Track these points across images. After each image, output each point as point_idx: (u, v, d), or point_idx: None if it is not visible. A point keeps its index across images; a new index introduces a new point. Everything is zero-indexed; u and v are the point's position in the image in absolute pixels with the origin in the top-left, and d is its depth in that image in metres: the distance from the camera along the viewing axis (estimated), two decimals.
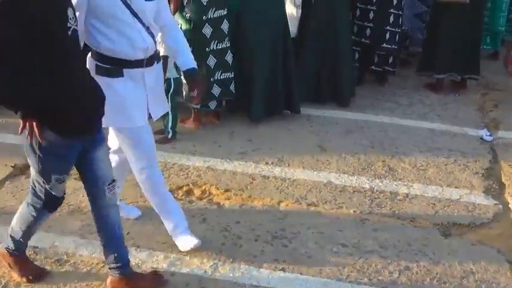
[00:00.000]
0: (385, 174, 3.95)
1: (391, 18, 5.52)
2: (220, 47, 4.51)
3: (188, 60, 2.93)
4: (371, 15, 5.57)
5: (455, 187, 3.79)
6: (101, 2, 2.55)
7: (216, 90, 4.57)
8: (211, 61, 4.50)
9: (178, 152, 4.22)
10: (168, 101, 4.24)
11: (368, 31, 5.63)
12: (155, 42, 2.79)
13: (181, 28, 4.26)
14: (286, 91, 4.82)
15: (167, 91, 4.19)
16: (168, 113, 4.30)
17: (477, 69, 5.67)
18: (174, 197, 3.63)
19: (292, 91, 4.84)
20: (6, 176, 3.85)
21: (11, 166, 3.95)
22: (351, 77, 5.34)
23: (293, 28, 5.01)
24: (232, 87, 4.66)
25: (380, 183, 3.81)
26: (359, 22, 5.68)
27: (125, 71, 2.68)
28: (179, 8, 4.35)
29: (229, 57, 4.59)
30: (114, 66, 2.67)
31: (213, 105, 4.64)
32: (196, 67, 2.95)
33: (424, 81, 5.80)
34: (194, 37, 4.31)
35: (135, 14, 2.64)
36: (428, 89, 5.71)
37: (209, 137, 4.52)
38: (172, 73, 4.24)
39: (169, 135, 4.39)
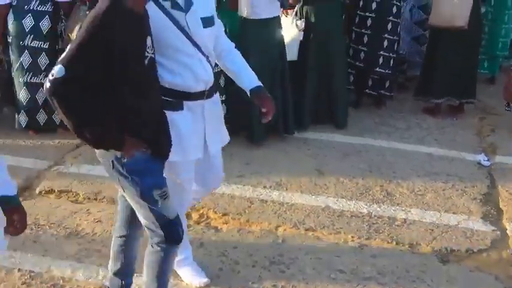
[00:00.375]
0: (383, 199, 3.94)
1: (385, 43, 5.57)
2: (215, 71, 4.52)
3: (252, 80, 2.78)
4: (365, 39, 5.63)
5: (453, 213, 3.78)
6: (160, 33, 2.39)
7: None
8: None
9: None
10: None
11: (362, 55, 5.68)
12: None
13: None
14: (283, 113, 4.84)
15: None
16: None
17: (473, 93, 5.70)
18: None
19: (287, 113, 4.87)
20: None
21: None
22: (345, 99, 5.38)
23: (295, 51, 5.04)
24: (223, 109, 4.67)
25: (378, 208, 3.81)
26: (354, 45, 5.74)
27: (185, 103, 2.56)
28: None
29: (221, 81, 4.62)
30: (175, 99, 2.53)
31: None
32: (261, 84, 2.80)
33: (422, 105, 5.82)
34: None
35: (195, 44, 2.50)
36: (426, 113, 5.73)
37: None
38: None
39: None
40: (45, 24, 4.74)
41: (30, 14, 4.68)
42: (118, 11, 2.10)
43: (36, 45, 4.75)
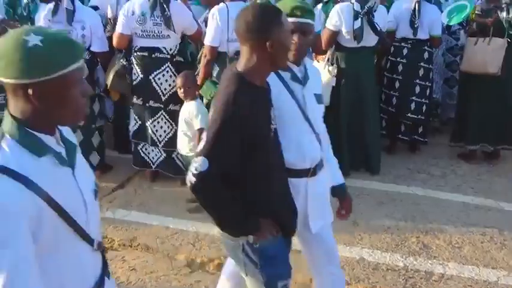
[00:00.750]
0: (419, 251, 3.88)
1: (417, 89, 5.58)
2: None
3: (337, 176, 2.71)
4: (397, 84, 5.65)
5: (492, 268, 3.69)
6: (276, 104, 2.30)
7: None
8: None
9: (210, 222, 4.19)
10: None
11: (394, 100, 5.69)
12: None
13: (210, 97, 4.36)
14: None
15: None
16: None
17: (509, 139, 5.62)
18: (206, 271, 3.64)
19: None
20: None
21: None
22: (378, 144, 5.37)
23: (327, 97, 5.07)
24: None
25: (414, 262, 3.74)
26: (386, 90, 5.76)
27: (288, 180, 2.41)
28: (208, 76, 4.46)
29: None
30: None
31: None
32: (344, 182, 2.74)
33: (457, 151, 5.75)
34: None
35: (307, 119, 2.45)
36: (461, 159, 5.66)
37: None
38: None
39: None
40: None
41: None
42: (246, 88, 2.08)
43: None
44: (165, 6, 4.50)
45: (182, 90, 4.25)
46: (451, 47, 6.30)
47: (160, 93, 4.75)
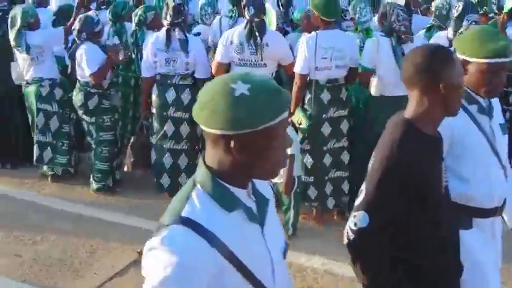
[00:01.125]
0: None
1: None
2: (337, 146, 4.51)
3: None
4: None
5: None
6: (462, 137, 2.22)
7: (329, 189, 4.57)
8: (327, 159, 4.53)
9: (297, 250, 4.14)
10: (291, 198, 4.25)
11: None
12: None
13: (300, 124, 4.33)
14: None
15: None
16: (290, 209, 4.30)
17: None
18: None
19: None
20: (133, 261, 4.00)
21: (137, 252, 4.06)
22: None
23: None
24: (345, 186, 4.61)
25: None
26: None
27: (474, 220, 2.29)
28: (299, 103, 4.44)
29: (345, 157, 4.57)
30: (464, 215, 2.26)
31: (330, 203, 4.62)
32: None
33: None
34: (312, 134, 4.41)
35: (496, 153, 2.30)
36: None
37: (331, 236, 4.37)
38: (297, 171, 4.25)
39: (290, 232, 4.35)
40: (186, 97, 5.00)
41: (172, 88, 4.97)
42: (412, 134, 1.96)
43: (178, 115, 5.02)
44: (257, 34, 4.55)
45: None
46: None
47: None
